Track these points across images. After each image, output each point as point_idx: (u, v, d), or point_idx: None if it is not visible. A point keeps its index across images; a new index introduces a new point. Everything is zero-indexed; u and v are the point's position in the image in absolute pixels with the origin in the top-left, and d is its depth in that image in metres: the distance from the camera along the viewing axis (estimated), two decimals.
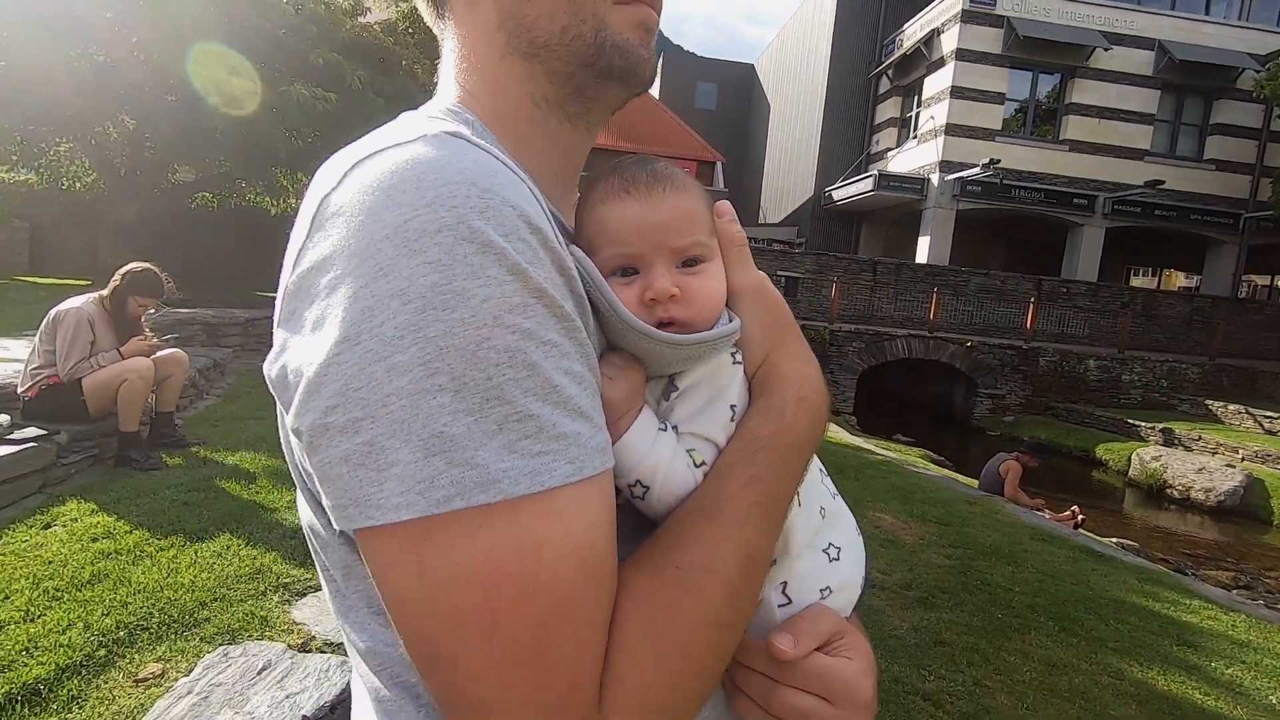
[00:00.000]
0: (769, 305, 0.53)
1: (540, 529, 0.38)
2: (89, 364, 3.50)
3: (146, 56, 8.76)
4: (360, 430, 0.37)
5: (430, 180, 0.39)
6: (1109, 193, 18.34)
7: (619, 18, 0.50)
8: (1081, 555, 5.06)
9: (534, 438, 0.38)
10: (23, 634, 1.90)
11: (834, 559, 0.55)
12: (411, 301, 0.37)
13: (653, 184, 0.51)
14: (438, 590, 0.37)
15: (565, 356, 0.40)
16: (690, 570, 0.43)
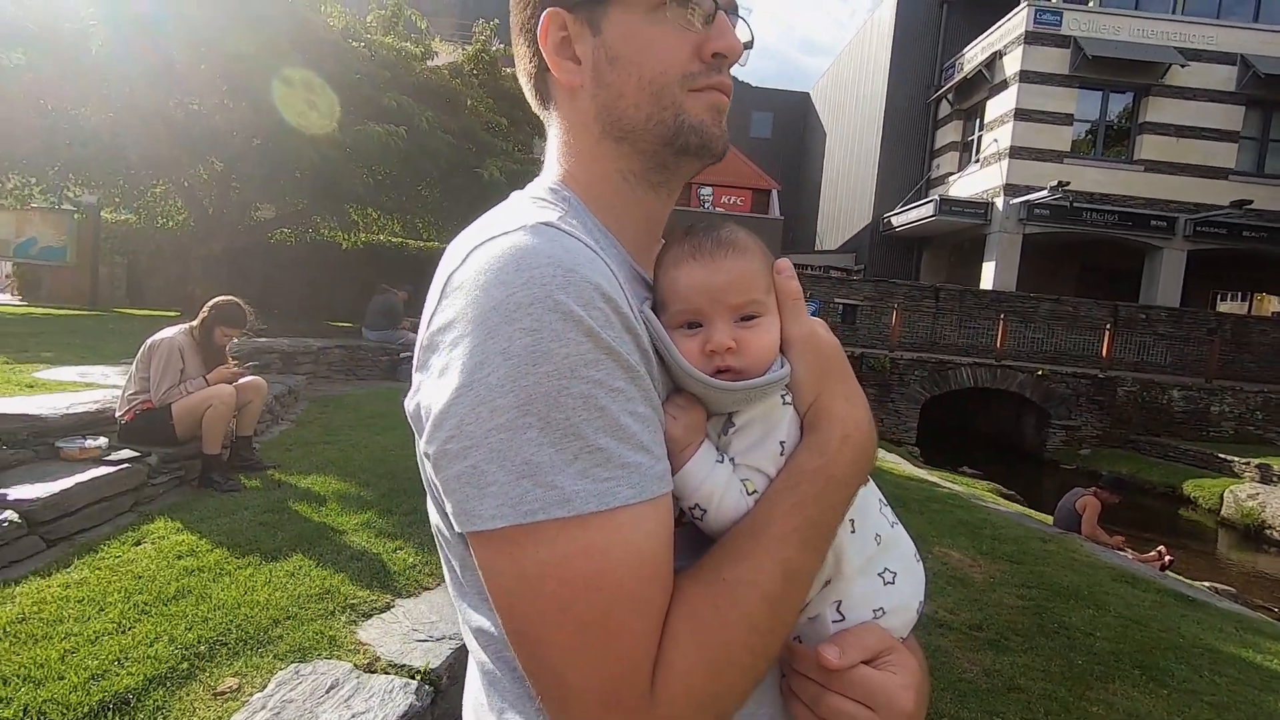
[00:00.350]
0: (819, 352, 0.59)
1: (605, 538, 0.47)
2: (179, 390, 3.74)
3: (234, 104, 9.42)
4: (468, 456, 0.48)
5: (526, 263, 0.50)
6: (1190, 214, 17.43)
7: (694, 103, 0.60)
8: (1170, 599, 4.73)
9: (602, 466, 0.48)
10: (115, 645, 2.02)
11: (889, 583, 0.60)
12: (511, 359, 0.47)
13: (715, 250, 0.59)
14: (525, 583, 0.48)
15: (630, 400, 0.50)
16: (735, 583, 0.51)
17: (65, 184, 10.55)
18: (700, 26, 0.60)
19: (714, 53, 0.60)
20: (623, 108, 0.61)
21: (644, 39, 0.60)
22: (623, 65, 0.61)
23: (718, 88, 0.62)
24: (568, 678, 0.48)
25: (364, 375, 9.12)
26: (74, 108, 9.19)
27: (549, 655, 0.48)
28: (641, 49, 0.60)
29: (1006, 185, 17.53)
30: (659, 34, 0.60)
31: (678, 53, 0.60)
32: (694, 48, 0.60)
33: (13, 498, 2.78)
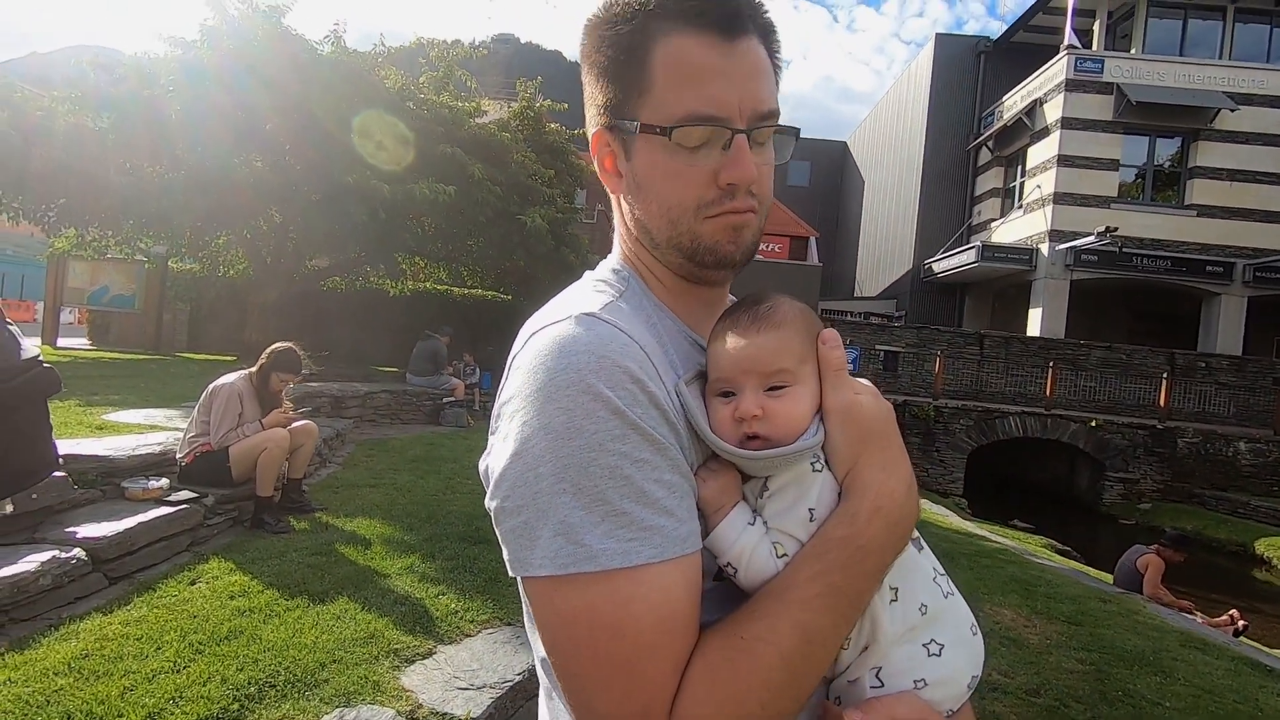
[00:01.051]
0: (858, 421, 0.61)
1: (627, 592, 0.53)
2: (236, 433, 3.90)
3: (297, 161, 9.97)
4: (520, 514, 0.56)
5: (566, 350, 0.57)
6: (1248, 259, 16.87)
7: (710, 227, 0.64)
8: (1245, 668, 4.42)
9: (627, 528, 0.53)
10: (171, 684, 2.08)
11: (934, 654, 0.60)
12: (550, 433, 0.55)
13: (750, 324, 0.63)
14: (563, 623, 0.55)
15: (656, 469, 0.55)
16: (752, 640, 0.54)
17: (139, 236, 11.22)
18: (718, 154, 0.63)
19: (727, 181, 0.63)
20: (649, 226, 0.67)
21: (663, 170, 0.64)
22: (646, 192, 0.66)
23: (732, 212, 0.64)
24: (596, 707, 0.54)
25: (408, 420, 9.31)
26: (150, 165, 9.85)
27: (581, 686, 0.55)
28: (661, 179, 0.64)
29: (1052, 231, 17.27)
30: (676, 166, 0.63)
31: (693, 184, 0.63)
32: (710, 176, 0.63)
33: (81, 535, 2.91)
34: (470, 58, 12.52)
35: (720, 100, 0.61)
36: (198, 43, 9.54)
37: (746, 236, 0.66)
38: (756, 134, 0.63)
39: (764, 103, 0.63)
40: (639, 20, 0.63)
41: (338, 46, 10.56)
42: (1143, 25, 18.00)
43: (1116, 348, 16.27)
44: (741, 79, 0.62)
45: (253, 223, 11.33)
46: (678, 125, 0.61)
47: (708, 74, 0.61)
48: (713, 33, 0.61)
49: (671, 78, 0.62)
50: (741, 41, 0.62)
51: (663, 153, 0.63)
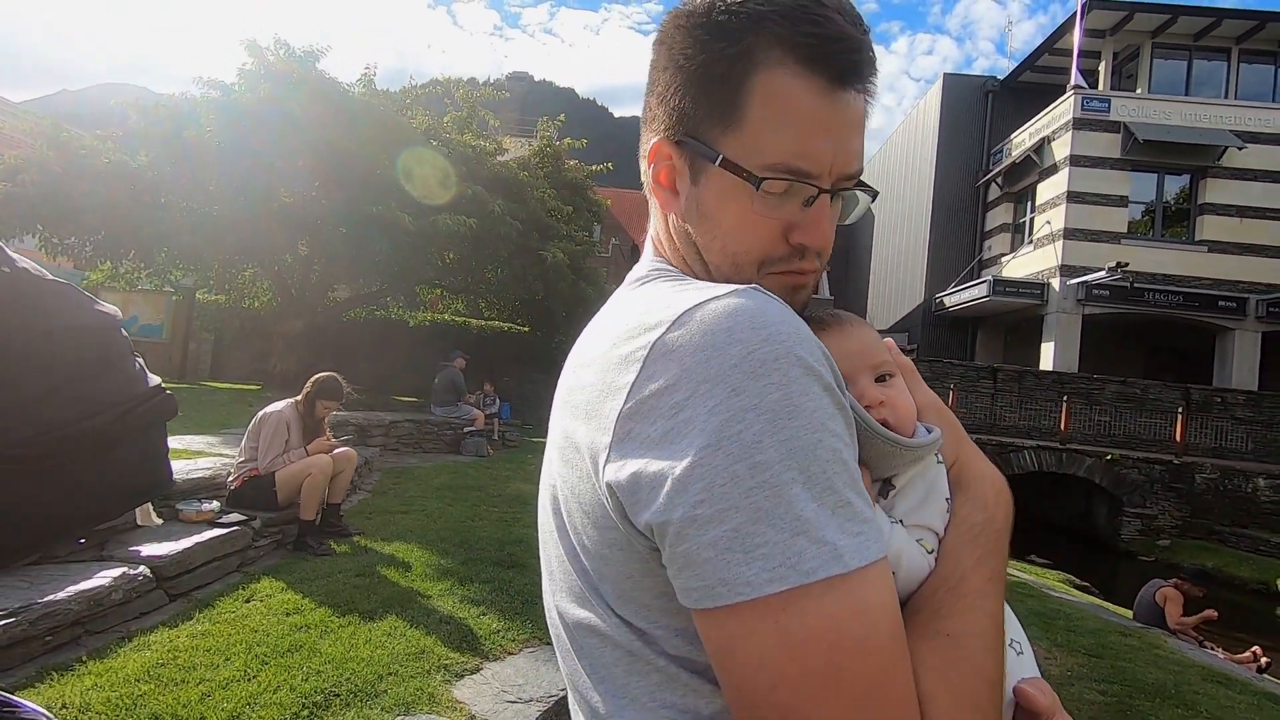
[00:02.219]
0: (949, 417, 0.62)
1: (867, 595, 0.44)
2: (283, 459, 4.08)
3: (326, 197, 10.34)
4: (727, 519, 0.44)
5: (760, 321, 0.48)
6: (1261, 294, 16.91)
7: (770, 284, 0.56)
8: (1269, 703, 4.44)
9: (854, 520, 0.45)
10: (245, 691, 2.23)
11: (1019, 653, 0.61)
12: (764, 413, 0.45)
13: (841, 323, 0.64)
14: (790, 652, 0.43)
15: (854, 454, 0.49)
16: (960, 636, 0.50)
17: (170, 269, 11.61)
18: (797, 208, 0.57)
19: (799, 242, 0.58)
20: (706, 258, 0.61)
21: (735, 210, 0.58)
22: (710, 225, 0.60)
23: (798, 272, 0.60)
24: None
25: (430, 449, 9.48)
26: (184, 201, 10.25)
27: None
28: (731, 219, 0.58)
29: (1062, 266, 17.42)
30: (753, 215, 0.57)
31: (764, 235, 0.58)
32: (782, 230, 0.58)
33: (144, 554, 3.08)
34: (493, 99, 12.96)
35: (817, 156, 0.55)
36: (235, 85, 10.01)
37: (801, 297, 0.61)
38: (843, 191, 0.59)
39: (854, 163, 0.58)
40: (748, 40, 0.55)
41: (368, 89, 11.03)
42: (1148, 66, 18.38)
43: (1131, 382, 16.26)
44: (842, 135, 0.56)
45: (280, 256, 11.71)
46: (768, 176, 0.55)
47: (812, 124, 0.55)
48: (825, 79, 0.54)
49: (770, 119, 0.55)
50: (850, 92, 0.56)
51: (742, 195, 0.57)
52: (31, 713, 1.14)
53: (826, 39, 0.54)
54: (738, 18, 0.55)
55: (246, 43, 9.96)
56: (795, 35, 0.54)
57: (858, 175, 0.59)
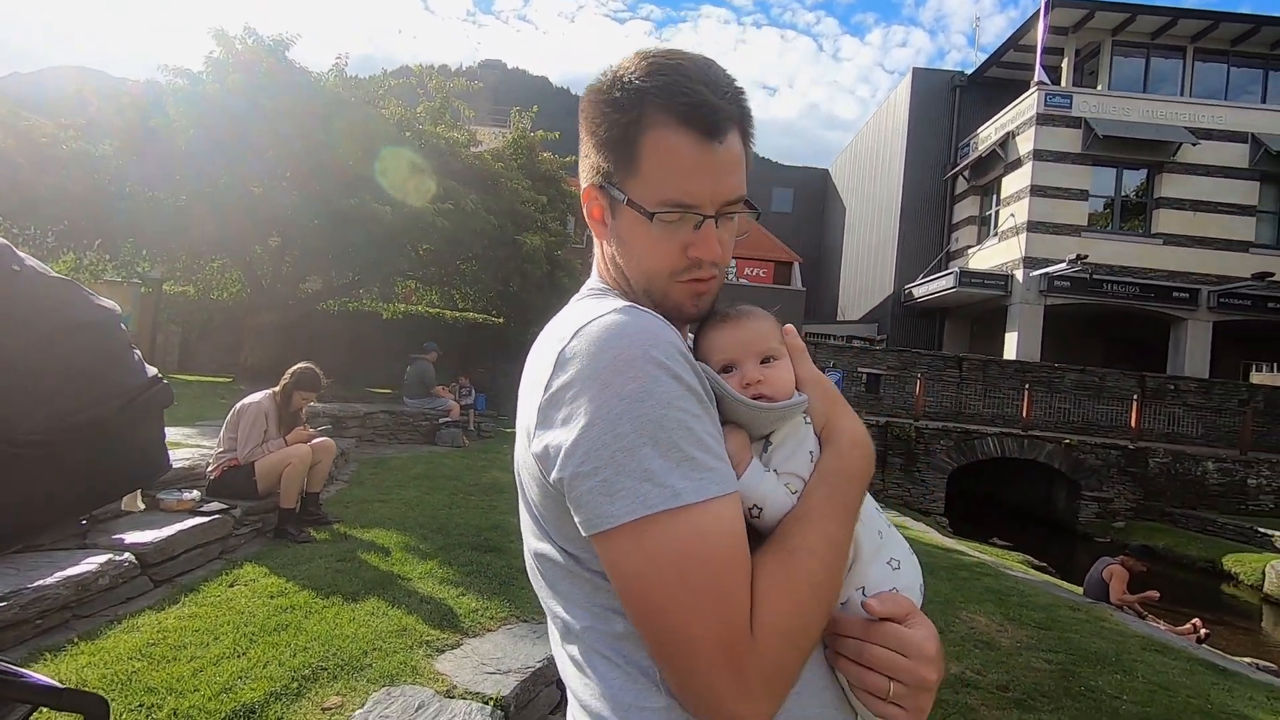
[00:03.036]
0: (825, 387, 0.78)
1: (706, 524, 0.62)
2: (262, 449, 4.15)
3: (297, 188, 10.25)
4: (598, 474, 0.62)
5: (625, 332, 0.66)
6: (1213, 285, 17.60)
7: (678, 290, 0.76)
8: (1200, 668, 4.76)
9: (696, 470, 0.63)
10: (235, 666, 2.34)
11: (895, 568, 0.75)
12: (625, 398, 0.63)
13: (739, 316, 0.79)
14: (651, 563, 0.61)
15: (705, 423, 0.66)
16: (795, 550, 0.66)
17: (137, 260, 11.42)
18: (690, 231, 0.73)
19: (694, 256, 0.74)
20: (628, 274, 0.78)
21: (643, 238, 0.74)
22: (627, 250, 0.76)
23: (697, 280, 0.76)
24: (691, 632, 0.60)
25: (405, 439, 9.53)
26: (151, 190, 10.09)
27: (673, 619, 0.60)
28: (640, 244, 0.75)
29: (1025, 258, 17.93)
30: (654, 237, 0.73)
31: (667, 254, 0.74)
32: (681, 248, 0.73)
33: (129, 541, 3.16)
34: (467, 89, 12.91)
35: (697, 192, 0.71)
36: (203, 75, 9.86)
37: (706, 301, 0.78)
38: (724, 218, 0.74)
39: (733, 191, 0.73)
40: (637, 110, 0.71)
41: (340, 79, 10.94)
42: (1108, 63, 18.92)
43: (1090, 370, 16.84)
44: (718, 174, 0.72)
45: (251, 248, 11.58)
46: (658, 211, 0.72)
47: (689, 169, 0.71)
48: (698, 133, 0.70)
49: (657, 167, 0.71)
50: (722, 139, 0.71)
51: (644, 225, 0.73)
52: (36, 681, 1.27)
53: (694, 105, 0.70)
54: (630, 94, 0.72)
55: (214, 31, 9.82)
56: (671, 104, 0.70)
57: (739, 200, 0.75)
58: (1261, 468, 13.77)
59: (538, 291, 12.49)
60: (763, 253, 24.59)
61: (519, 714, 2.42)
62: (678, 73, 0.71)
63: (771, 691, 0.62)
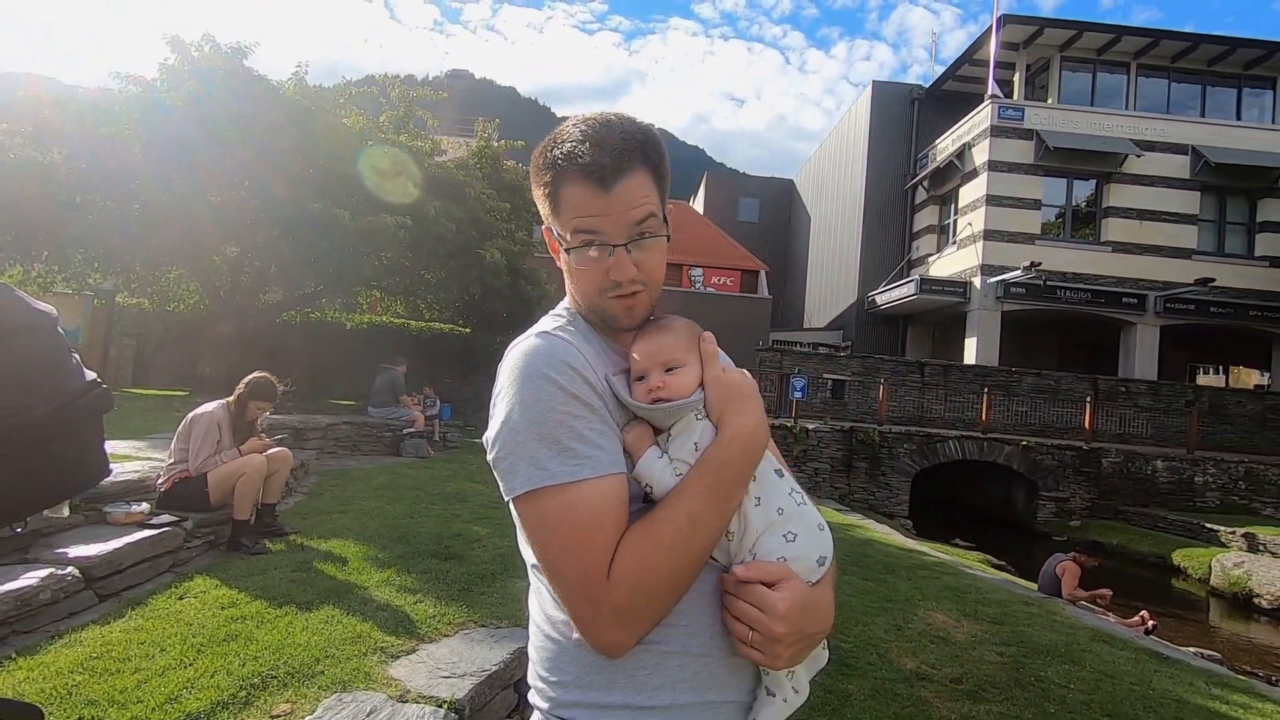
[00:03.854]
0: (723, 385, 0.90)
1: (574, 497, 0.81)
2: (214, 460, 4.08)
3: (254, 198, 10.09)
4: (507, 458, 0.85)
5: (529, 354, 0.87)
6: (1159, 291, 18.29)
7: (612, 305, 0.93)
8: (1145, 657, 4.93)
9: (573, 457, 0.82)
10: (181, 677, 2.30)
11: (790, 540, 0.87)
12: (522, 405, 0.84)
13: (651, 331, 0.94)
14: (540, 524, 0.83)
15: (589, 422, 0.84)
16: (657, 520, 0.82)
17: (88, 271, 11.10)
18: (608, 258, 0.89)
19: (613, 278, 0.90)
20: (575, 297, 0.97)
21: (575, 267, 0.92)
22: (572, 277, 0.94)
23: (626, 295, 0.92)
24: (563, 573, 0.81)
25: (368, 451, 9.40)
26: (103, 199, 9.84)
27: (553, 563, 0.82)
28: (579, 273, 0.92)
29: (983, 265, 18.43)
30: (584, 265, 0.91)
31: (593, 278, 0.91)
32: (605, 272, 0.90)
33: (72, 555, 3.08)
34: (431, 99, 12.86)
35: (601, 228, 0.88)
36: (157, 81, 9.68)
37: (639, 312, 0.94)
38: (635, 243, 0.90)
39: (637, 218, 0.89)
40: (553, 172, 0.90)
41: (300, 86, 10.82)
42: (1058, 77, 19.62)
43: (1046, 374, 17.34)
44: (617, 212, 0.88)
45: (209, 258, 11.35)
46: (572, 247, 0.91)
47: (592, 212, 0.88)
48: (594, 185, 0.87)
49: (569, 213, 0.90)
50: (617, 186, 0.87)
51: (577, 256, 0.91)
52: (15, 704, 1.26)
53: (586, 166, 0.88)
54: (547, 160, 0.91)
55: (169, 38, 9.65)
56: (571, 168, 0.89)
57: (647, 220, 0.90)
58: (1207, 466, 14.31)
59: (502, 300, 12.44)
60: (730, 262, 24.86)
61: (474, 717, 2.42)
62: (576, 140, 0.89)
63: (623, 622, 0.80)
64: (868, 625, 4.56)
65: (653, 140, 0.92)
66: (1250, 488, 14.08)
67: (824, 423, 14.49)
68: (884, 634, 4.44)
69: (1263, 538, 11.36)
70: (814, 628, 0.86)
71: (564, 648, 0.88)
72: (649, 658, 0.84)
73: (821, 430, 14.08)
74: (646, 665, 0.85)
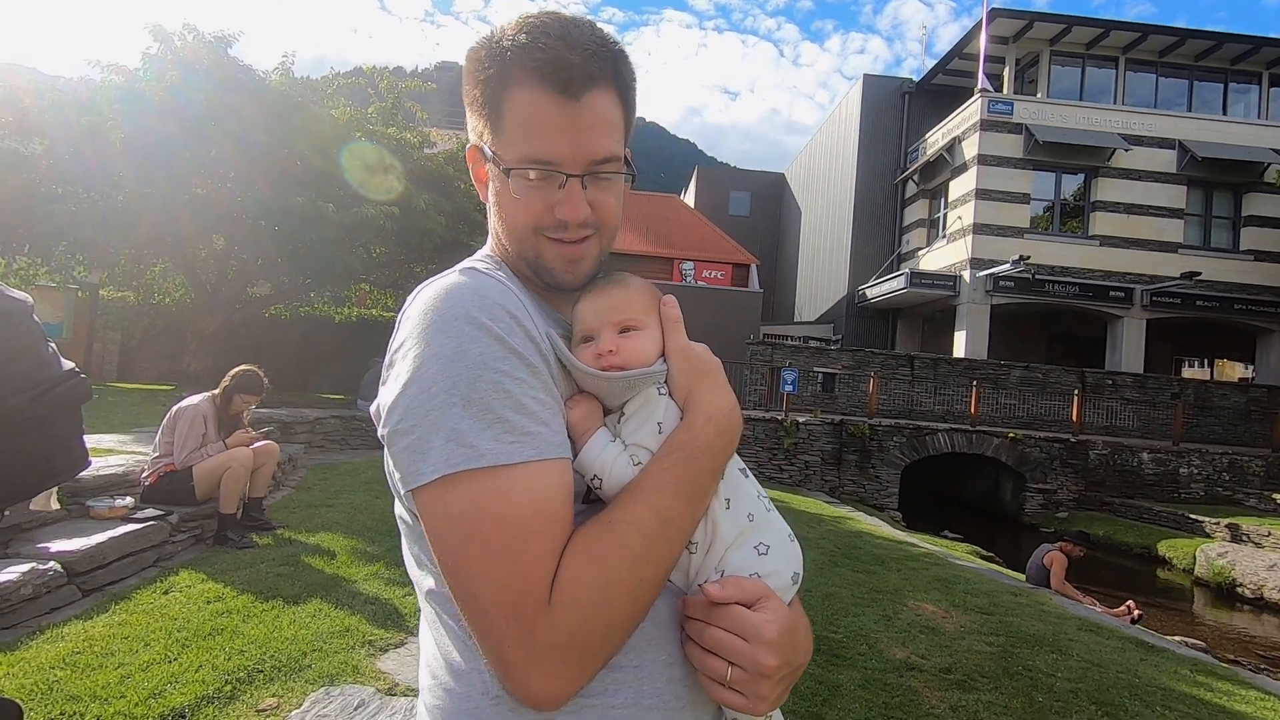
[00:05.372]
0: (692, 359, 0.73)
1: (509, 485, 0.60)
2: (200, 453, 4.03)
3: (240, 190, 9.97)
4: (413, 432, 0.62)
5: (452, 294, 0.66)
6: (1146, 285, 18.44)
7: (551, 253, 0.73)
8: (1131, 646, 4.98)
9: (509, 433, 0.61)
10: (165, 671, 2.27)
11: (762, 553, 0.70)
12: (440, 359, 0.62)
13: (604, 285, 0.76)
14: (452, 522, 0.60)
15: (531, 388, 0.64)
16: (616, 522, 0.63)
17: (71, 263, 10.95)
18: (555, 190, 0.70)
19: (559, 217, 0.71)
20: (502, 237, 0.77)
21: (506, 193, 0.72)
22: (495, 207, 0.75)
23: (566, 241, 0.73)
24: (483, 595, 0.59)
25: (357, 445, 9.34)
26: (86, 191, 9.69)
27: (469, 580, 0.59)
28: (506, 203, 0.73)
29: (972, 259, 18.51)
30: (519, 193, 0.71)
31: (532, 210, 0.71)
32: (547, 206, 0.71)
33: (54, 550, 3.03)
34: (420, 91, 12.75)
35: (555, 150, 0.69)
36: (140, 71, 9.53)
37: (585, 268, 0.74)
38: (593, 177, 0.71)
39: (600, 150, 0.70)
40: (497, 68, 0.70)
41: (285, 77, 10.69)
42: (1047, 71, 19.69)
43: (1034, 367, 17.46)
44: (579, 131, 0.69)
45: (194, 250, 11.22)
46: (514, 168, 0.70)
47: (546, 127, 0.69)
48: (555, 90, 0.68)
49: (515, 125, 0.70)
50: (585, 97, 0.69)
51: (510, 181, 0.71)
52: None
53: (549, 62, 0.68)
54: (491, 53, 0.71)
55: (152, 27, 9.51)
56: (527, 62, 0.69)
57: (610, 160, 0.72)
58: (1192, 457, 14.47)
59: None
60: (721, 255, 24.85)
61: None
62: (538, 31, 0.70)
63: (567, 660, 0.59)
64: (857, 616, 4.58)
65: (625, 56, 0.74)
66: (1234, 479, 14.25)
67: (814, 416, 14.53)
68: (874, 625, 4.46)
69: (1246, 528, 11.51)
70: (799, 659, 0.69)
71: (472, 707, 0.65)
72: (591, 716, 0.64)
73: (812, 423, 14.13)
74: None
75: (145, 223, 9.57)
